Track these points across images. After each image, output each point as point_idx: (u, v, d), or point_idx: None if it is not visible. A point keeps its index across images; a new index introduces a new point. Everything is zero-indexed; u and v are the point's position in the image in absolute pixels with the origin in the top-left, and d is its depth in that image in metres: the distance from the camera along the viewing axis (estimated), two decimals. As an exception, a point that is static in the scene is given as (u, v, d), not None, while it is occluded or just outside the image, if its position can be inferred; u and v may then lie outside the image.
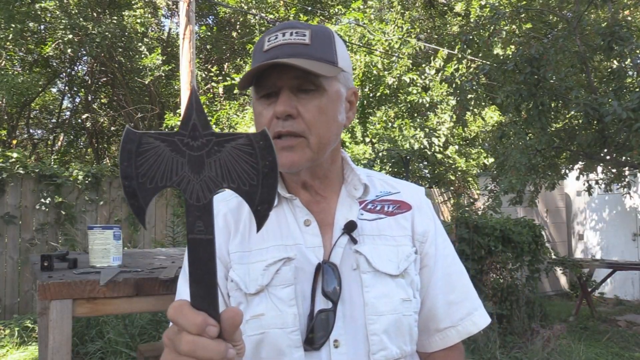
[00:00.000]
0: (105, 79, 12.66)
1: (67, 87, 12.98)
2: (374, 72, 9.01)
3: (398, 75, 8.84)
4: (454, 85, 5.90)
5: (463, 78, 5.81)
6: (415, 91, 8.94)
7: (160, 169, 0.55)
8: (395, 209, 0.97)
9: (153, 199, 0.57)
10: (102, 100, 13.73)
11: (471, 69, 7.05)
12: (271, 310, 0.85)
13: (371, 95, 9.24)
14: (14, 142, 11.01)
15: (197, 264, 0.55)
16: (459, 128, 8.62)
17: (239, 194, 0.55)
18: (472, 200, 6.80)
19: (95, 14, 10.41)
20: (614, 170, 6.11)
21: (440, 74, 9.01)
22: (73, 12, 9.74)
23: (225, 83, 9.97)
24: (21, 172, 5.76)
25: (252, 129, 7.35)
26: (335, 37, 0.93)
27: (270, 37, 0.89)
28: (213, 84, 11.10)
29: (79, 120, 12.81)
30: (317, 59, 0.86)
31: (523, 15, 6.39)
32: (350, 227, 0.91)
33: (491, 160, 8.72)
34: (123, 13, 10.38)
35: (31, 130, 13.56)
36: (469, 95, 5.71)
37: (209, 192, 0.55)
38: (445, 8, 12.57)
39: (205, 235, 0.55)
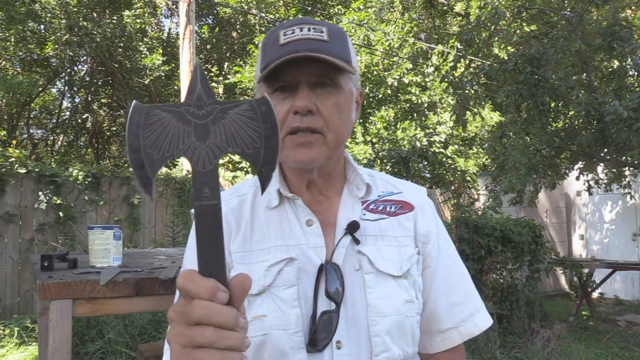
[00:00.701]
0: (105, 79, 12.65)
1: (67, 87, 12.98)
2: (375, 72, 9.01)
3: (398, 76, 8.84)
4: (452, 84, 5.89)
5: (464, 78, 5.79)
6: (414, 90, 8.94)
7: (167, 139, 0.57)
8: (397, 209, 0.96)
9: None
10: (102, 100, 13.73)
11: (471, 69, 7.04)
12: (273, 312, 0.84)
13: (371, 95, 9.24)
14: (14, 142, 11.00)
15: (205, 232, 0.56)
16: (459, 128, 8.63)
17: (244, 157, 0.58)
18: (472, 201, 6.79)
19: (95, 14, 10.41)
20: (614, 170, 6.10)
21: (437, 72, 9.01)
22: (73, 11, 9.73)
23: (227, 80, 9.96)
24: (21, 172, 5.75)
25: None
26: (347, 36, 0.93)
27: (286, 31, 0.87)
28: (213, 84, 11.10)
29: (79, 120, 12.80)
30: (336, 57, 0.85)
31: (524, 14, 6.37)
32: (352, 228, 0.90)
33: (490, 159, 8.74)
34: (122, 13, 10.38)
35: (31, 130, 13.56)
36: (467, 90, 5.68)
37: (215, 157, 0.57)
38: (445, 8, 12.57)
39: (211, 201, 0.56)
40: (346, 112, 0.89)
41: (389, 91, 8.97)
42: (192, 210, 0.98)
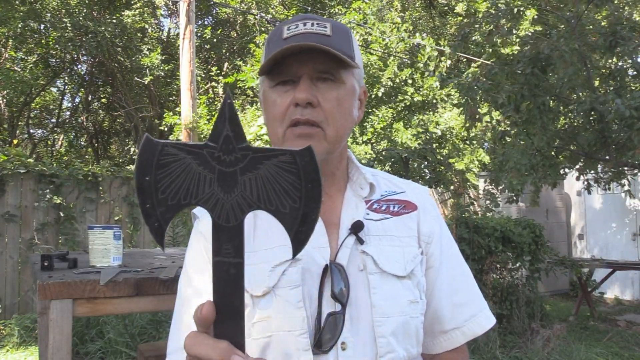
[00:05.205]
0: (105, 78, 12.65)
1: (66, 87, 12.99)
2: (371, 71, 9.02)
3: (394, 73, 8.83)
4: (456, 85, 5.84)
5: (469, 79, 5.74)
6: (410, 91, 8.94)
7: (184, 185, 0.49)
8: (400, 209, 0.96)
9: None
10: (102, 100, 13.74)
11: (472, 68, 7.02)
12: (278, 313, 0.83)
13: (369, 94, 9.24)
14: (15, 142, 11.00)
15: (224, 290, 0.50)
16: (461, 128, 8.61)
17: (277, 216, 0.50)
18: (471, 201, 6.79)
19: (95, 14, 10.42)
20: (613, 170, 6.08)
21: (431, 67, 9.00)
22: (73, 11, 9.73)
23: (228, 79, 9.94)
24: (21, 171, 5.75)
25: (254, 129, 7.32)
26: (352, 34, 0.93)
27: (290, 26, 0.87)
28: (213, 83, 11.10)
29: (79, 120, 12.80)
30: (339, 51, 0.85)
31: (524, 9, 6.30)
32: (356, 227, 0.89)
33: (488, 157, 8.73)
34: (122, 12, 10.38)
35: (31, 130, 13.56)
36: (475, 91, 5.62)
37: (242, 213, 0.49)
38: (446, 8, 12.57)
39: (235, 259, 0.50)
40: (347, 107, 0.88)
41: (384, 90, 8.95)
42: (194, 211, 0.97)
